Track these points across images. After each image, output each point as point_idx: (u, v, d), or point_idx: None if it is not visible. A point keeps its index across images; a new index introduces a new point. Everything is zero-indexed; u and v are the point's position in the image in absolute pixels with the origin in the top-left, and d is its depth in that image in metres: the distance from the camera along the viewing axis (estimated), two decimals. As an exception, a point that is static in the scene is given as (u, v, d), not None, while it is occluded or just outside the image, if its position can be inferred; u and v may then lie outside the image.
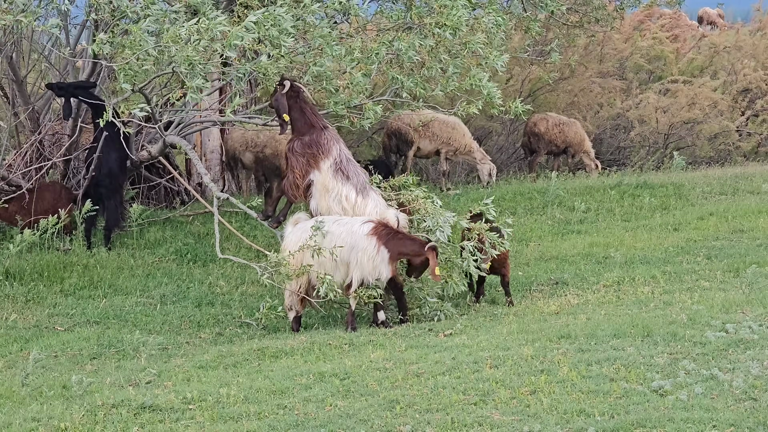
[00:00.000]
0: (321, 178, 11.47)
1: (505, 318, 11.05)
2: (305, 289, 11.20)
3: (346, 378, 8.69)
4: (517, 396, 7.88)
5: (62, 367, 10.03)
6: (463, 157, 20.00)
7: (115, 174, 14.50)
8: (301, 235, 11.14)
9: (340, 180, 11.43)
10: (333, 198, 11.44)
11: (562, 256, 14.28)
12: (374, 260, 10.91)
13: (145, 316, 12.00)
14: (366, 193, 11.46)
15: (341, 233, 10.99)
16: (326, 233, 10.96)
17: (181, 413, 8.02)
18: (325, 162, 11.47)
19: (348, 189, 11.42)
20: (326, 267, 11.01)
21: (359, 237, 10.95)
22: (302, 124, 11.60)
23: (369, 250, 10.92)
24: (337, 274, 11.03)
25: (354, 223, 11.07)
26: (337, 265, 11.01)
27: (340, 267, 11.02)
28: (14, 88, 15.69)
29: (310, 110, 11.63)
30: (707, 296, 11.02)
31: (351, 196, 11.39)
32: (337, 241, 10.94)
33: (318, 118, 11.64)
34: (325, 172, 11.45)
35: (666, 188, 18.47)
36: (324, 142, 11.50)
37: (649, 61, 26.96)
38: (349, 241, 10.96)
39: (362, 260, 10.92)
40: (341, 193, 11.42)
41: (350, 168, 11.51)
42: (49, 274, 13.03)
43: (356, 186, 11.44)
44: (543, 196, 17.93)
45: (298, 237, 11.16)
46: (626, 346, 8.95)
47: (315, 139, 11.51)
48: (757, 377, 7.90)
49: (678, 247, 14.17)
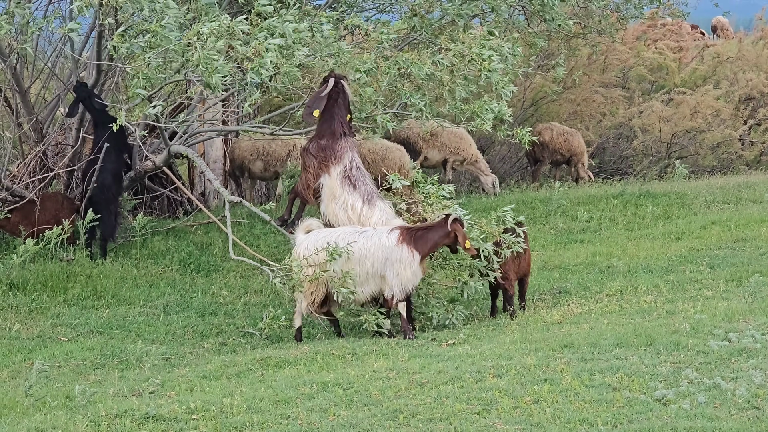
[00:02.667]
0: (330, 182, 11.49)
1: (507, 327, 11.05)
2: (321, 298, 11.15)
3: (350, 387, 8.69)
4: (520, 405, 7.88)
5: (66, 377, 10.03)
6: (468, 167, 20.04)
7: (109, 185, 14.48)
8: (317, 243, 11.07)
9: (347, 188, 11.45)
10: (339, 206, 11.46)
11: (564, 265, 14.28)
12: (411, 266, 10.91)
13: (149, 326, 12.01)
14: (373, 203, 11.45)
15: (371, 247, 10.94)
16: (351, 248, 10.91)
17: (185, 423, 8.02)
18: (336, 168, 11.49)
19: (354, 198, 11.43)
20: (355, 280, 10.97)
21: (391, 248, 10.90)
22: (326, 127, 11.62)
23: (404, 258, 10.90)
24: (367, 288, 11.02)
25: (380, 235, 11.00)
26: (368, 277, 10.99)
27: (371, 279, 11.00)
28: (18, 98, 15.70)
29: (341, 116, 11.61)
30: (710, 305, 11.02)
31: (357, 205, 11.39)
32: (370, 256, 10.91)
33: (344, 125, 11.60)
34: (334, 178, 11.47)
35: (669, 197, 18.48)
36: (338, 148, 11.52)
37: (651, 71, 26.97)
38: (380, 255, 10.91)
39: (400, 270, 10.90)
40: (347, 202, 11.42)
41: (359, 177, 11.51)
42: (53, 285, 13.03)
43: (363, 195, 11.45)
44: (546, 206, 17.94)
45: (311, 244, 11.09)
46: (629, 355, 8.95)
47: (330, 145, 11.53)
48: (760, 386, 7.89)
49: (681, 256, 14.16)
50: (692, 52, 28.53)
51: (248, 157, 18.26)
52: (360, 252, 10.94)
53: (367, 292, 11.08)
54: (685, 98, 24.93)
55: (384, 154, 17.61)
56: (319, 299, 11.13)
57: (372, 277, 11.00)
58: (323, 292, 11.11)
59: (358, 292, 11.04)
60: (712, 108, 24.52)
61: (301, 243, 11.23)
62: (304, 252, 11.12)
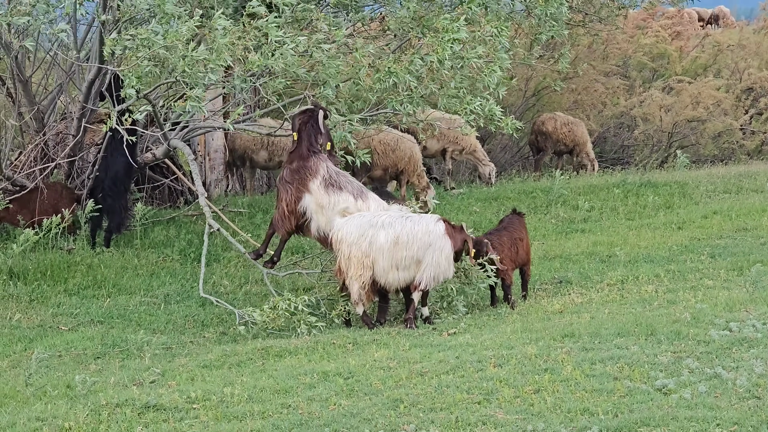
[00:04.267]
0: (313, 198, 11.51)
1: (508, 317, 11.04)
2: (368, 282, 10.99)
3: (350, 377, 8.69)
4: (521, 395, 7.88)
5: (66, 366, 10.04)
6: (467, 156, 20.01)
7: (121, 178, 14.50)
8: (360, 226, 10.95)
9: (334, 193, 11.46)
10: (331, 210, 11.41)
11: (565, 254, 14.27)
12: (449, 260, 10.91)
13: (149, 315, 12.01)
14: (365, 196, 11.48)
15: (416, 232, 10.85)
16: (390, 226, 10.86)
17: (185, 413, 8.02)
18: (314, 182, 11.53)
19: (344, 197, 11.42)
20: (400, 264, 10.90)
21: (436, 236, 10.84)
22: (299, 148, 11.73)
23: (446, 250, 10.87)
24: (405, 274, 10.93)
25: (427, 221, 10.93)
26: (411, 263, 10.87)
27: (412, 265, 10.93)
28: (19, 88, 15.69)
29: (309, 140, 11.69)
30: (711, 295, 11.01)
31: (350, 201, 11.37)
32: (416, 241, 10.83)
33: (312, 147, 11.67)
34: (316, 191, 11.50)
35: (670, 187, 18.47)
36: (310, 165, 11.59)
37: (652, 59, 26.96)
38: (425, 239, 10.83)
39: (439, 260, 10.85)
40: (338, 204, 11.38)
41: (341, 179, 11.58)
42: (53, 274, 13.04)
43: (352, 193, 11.47)
44: (547, 195, 17.93)
45: (357, 229, 10.96)
46: (630, 344, 8.95)
47: (302, 165, 11.61)
48: (761, 376, 7.89)
49: (682, 245, 14.16)
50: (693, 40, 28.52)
51: (251, 147, 18.24)
52: (408, 236, 10.86)
53: (403, 279, 10.97)
54: (684, 86, 24.93)
55: (395, 145, 17.66)
56: (368, 282, 10.98)
57: (413, 263, 10.93)
58: (370, 276, 10.96)
59: (397, 278, 10.96)
60: (713, 98, 24.52)
61: (341, 227, 11.06)
62: (345, 235, 10.98)
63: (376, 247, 10.84)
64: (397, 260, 10.84)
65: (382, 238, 10.83)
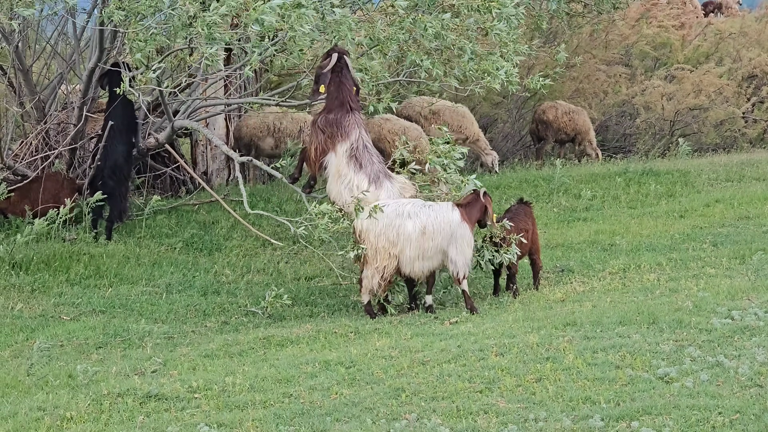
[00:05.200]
0: (336, 161, 11.42)
1: (510, 306, 11.04)
2: (391, 273, 10.95)
3: (352, 366, 8.69)
4: (522, 384, 7.88)
5: (68, 356, 10.04)
6: (470, 145, 19.99)
7: (120, 166, 14.48)
8: (387, 216, 10.84)
9: (353, 168, 11.36)
10: (345, 185, 11.36)
11: (567, 243, 14.26)
12: (470, 244, 10.94)
13: (151, 305, 12.01)
14: (379, 184, 11.32)
15: (440, 222, 10.82)
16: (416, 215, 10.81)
17: (187, 402, 8.03)
18: (342, 145, 11.41)
19: (360, 178, 11.32)
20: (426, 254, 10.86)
21: (456, 225, 10.83)
22: (333, 99, 11.54)
23: (467, 236, 10.90)
24: (429, 264, 10.91)
25: (445, 211, 10.89)
26: (435, 253, 10.86)
27: (435, 255, 10.89)
28: (20, 77, 15.68)
29: (348, 88, 11.53)
30: (713, 283, 11.00)
31: (363, 185, 11.27)
32: (440, 231, 10.79)
33: (351, 98, 11.53)
34: (340, 156, 11.39)
35: (672, 175, 18.45)
36: (346, 124, 11.44)
37: (654, 48, 26.91)
38: (448, 230, 10.81)
39: (464, 248, 10.87)
40: (353, 182, 11.31)
41: (365, 156, 11.42)
42: (55, 264, 13.03)
43: (369, 175, 11.33)
44: (549, 184, 17.92)
45: (384, 218, 10.83)
46: (632, 333, 8.95)
47: (338, 119, 11.45)
48: (763, 364, 7.89)
49: (684, 234, 14.15)
50: (696, 29, 28.47)
51: (258, 134, 18.18)
52: (434, 226, 10.83)
53: (427, 268, 10.97)
54: (685, 74, 24.89)
55: (403, 134, 17.63)
56: (391, 273, 10.95)
57: (437, 253, 10.90)
58: (395, 266, 10.93)
59: (422, 267, 10.95)
60: (715, 85, 24.48)
61: (365, 216, 10.95)
62: (372, 225, 10.87)
63: (404, 237, 10.80)
64: (424, 250, 10.83)
65: (410, 227, 10.79)
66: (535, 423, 7.01)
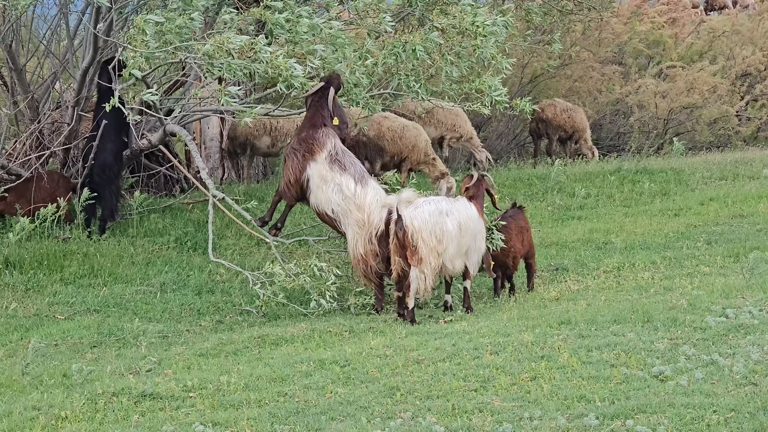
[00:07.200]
0: (317, 168, 11.53)
1: (505, 304, 11.05)
2: (438, 273, 10.79)
3: (347, 365, 8.69)
4: (517, 382, 7.88)
5: (62, 355, 10.02)
6: (464, 144, 20.03)
7: (110, 164, 14.44)
8: (431, 214, 10.62)
9: (337, 170, 11.49)
10: (332, 189, 11.44)
11: (562, 242, 14.28)
12: (485, 239, 10.95)
13: (145, 304, 12.00)
14: (365, 183, 11.48)
15: (467, 218, 10.75)
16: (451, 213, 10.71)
17: (182, 401, 8.02)
18: (321, 154, 11.59)
19: (346, 179, 11.45)
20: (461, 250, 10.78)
21: (476, 220, 10.84)
22: (306, 122, 11.85)
23: (483, 231, 10.95)
24: (462, 259, 10.85)
25: (467, 206, 10.86)
26: (468, 250, 10.83)
27: (466, 251, 10.84)
28: (13, 76, 15.64)
29: (322, 115, 11.75)
30: (707, 281, 11.02)
31: (350, 185, 11.40)
32: (472, 227, 10.75)
33: (324, 118, 11.73)
34: (321, 163, 11.55)
35: (666, 174, 18.48)
36: (319, 137, 11.65)
37: (648, 46, 26.94)
38: (472, 226, 10.79)
39: (480, 244, 10.89)
40: (340, 183, 11.42)
41: (346, 159, 11.61)
42: (49, 263, 13.01)
43: (354, 176, 11.48)
44: (543, 182, 17.94)
45: (428, 216, 10.60)
46: (626, 331, 8.95)
47: (311, 134, 11.68)
48: (758, 362, 7.89)
49: (678, 232, 14.17)
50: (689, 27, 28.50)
51: (254, 133, 18.17)
52: (466, 222, 10.78)
53: (461, 265, 10.89)
54: (678, 71, 24.91)
55: (402, 133, 17.70)
56: (438, 273, 10.81)
57: (467, 249, 10.85)
58: (441, 265, 10.74)
59: (460, 265, 10.88)
60: (708, 84, 24.51)
61: (415, 216, 10.65)
62: (422, 224, 10.61)
63: (447, 234, 10.68)
64: (461, 247, 10.77)
65: (450, 224, 10.67)
66: (530, 421, 7.00)
